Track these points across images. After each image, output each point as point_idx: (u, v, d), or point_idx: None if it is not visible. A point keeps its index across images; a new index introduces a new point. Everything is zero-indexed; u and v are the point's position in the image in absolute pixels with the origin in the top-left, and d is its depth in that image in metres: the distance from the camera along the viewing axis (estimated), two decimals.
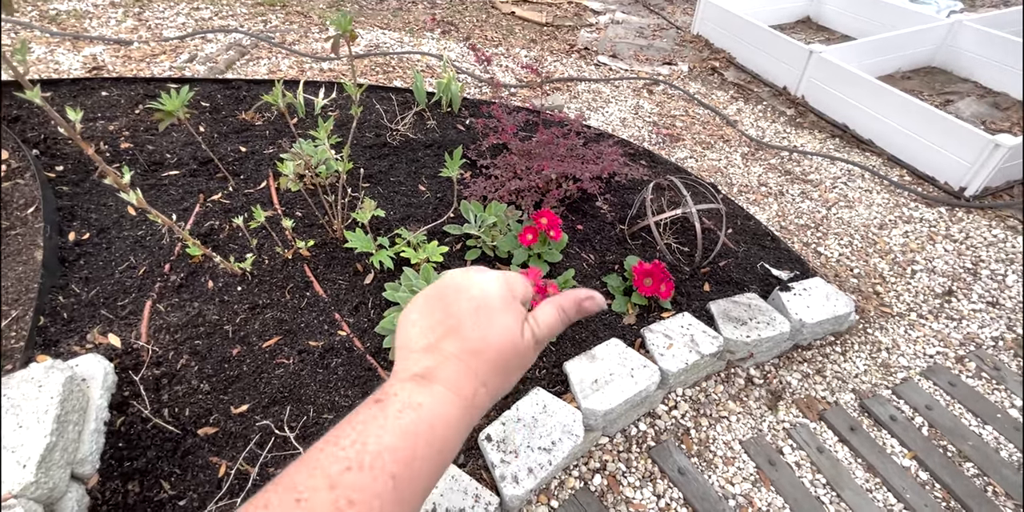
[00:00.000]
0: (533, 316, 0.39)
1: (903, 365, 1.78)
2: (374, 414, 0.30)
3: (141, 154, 2.04)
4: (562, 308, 0.39)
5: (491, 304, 0.36)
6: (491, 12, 4.02)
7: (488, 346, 0.35)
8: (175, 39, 3.04)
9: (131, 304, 1.48)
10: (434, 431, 0.30)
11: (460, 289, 0.37)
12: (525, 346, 0.36)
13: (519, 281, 0.40)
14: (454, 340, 0.35)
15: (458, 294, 0.37)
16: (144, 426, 1.20)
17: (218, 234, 1.75)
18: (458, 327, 0.35)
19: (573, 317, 0.40)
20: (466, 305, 0.36)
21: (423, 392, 0.31)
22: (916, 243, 2.23)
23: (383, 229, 1.84)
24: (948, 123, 2.39)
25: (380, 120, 2.41)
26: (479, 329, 0.35)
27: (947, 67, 3.34)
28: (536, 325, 0.38)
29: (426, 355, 0.34)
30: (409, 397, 0.31)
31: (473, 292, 0.37)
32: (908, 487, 1.45)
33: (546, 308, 0.39)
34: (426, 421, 0.30)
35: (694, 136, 2.81)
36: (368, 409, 0.30)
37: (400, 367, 0.34)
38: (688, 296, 1.78)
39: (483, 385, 0.34)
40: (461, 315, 0.36)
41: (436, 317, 0.36)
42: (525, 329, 0.37)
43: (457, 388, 0.33)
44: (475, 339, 0.35)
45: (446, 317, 0.36)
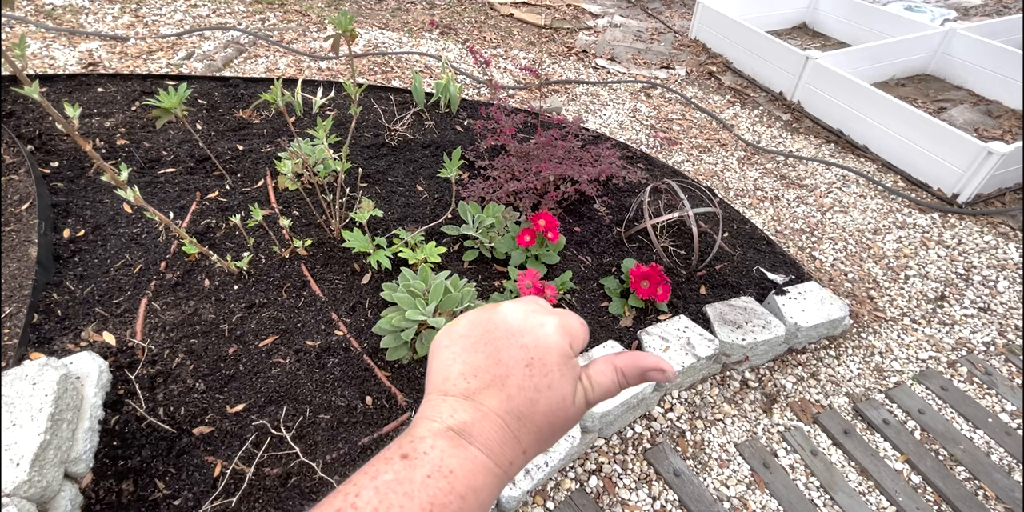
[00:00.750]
0: (588, 376, 0.34)
1: (896, 369, 1.80)
2: (400, 476, 0.26)
3: (137, 151, 2.03)
4: (623, 373, 0.35)
5: (547, 360, 0.32)
6: (490, 14, 4.03)
7: (535, 411, 0.31)
8: (172, 36, 3.03)
9: (126, 302, 1.47)
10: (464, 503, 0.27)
11: (513, 333, 0.33)
12: (575, 412, 0.32)
13: (580, 331, 0.35)
14: (498, 395, 0.30)
15: (510, 338, 0.32)
16: (139, 425, 1.19)
17: (215, 232, 1.74)
18: (505, 380, 0.31)
19: (633, 384, 0.35)
20: (518, 354, 0.32)
21: (457, 454, 0.28)
22: (909, 248, 2.25)
23: (381, 229, 1.84)
24: (941, 130, 2.42)
25: (378, 120, 2.41)
26: (529, 390, 0.31)
27: (941, 75, 3.38)
28: (590, 388, 0.34)
29: (464, 404, 0.30)
30: (441, 459, 0.27)
31: (527, 340, 0.32)
32: (900, 490, 1.47)
33: (605, 369, 0.34)
34: (457, 493, 0.26)
35: (691, 140, 2.83)
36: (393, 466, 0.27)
37: (431, 410, 0.30)
38: (684, 299, 1.79)
39: (523, 453, 0.30)
40: (511, 365, 0.31)
41: (481, 359, 0.32)
42: (578, 392, 0.33)
43: (496, 454, 0.29)
44: (523, 401, 0.31)
45: (493, 363, 0.31)
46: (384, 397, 1.36)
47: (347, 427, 1.28)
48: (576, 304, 1.70)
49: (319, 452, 1.23)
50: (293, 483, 1.17)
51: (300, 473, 1.19)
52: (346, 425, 1.28)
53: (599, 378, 0.34)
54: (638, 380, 0.35)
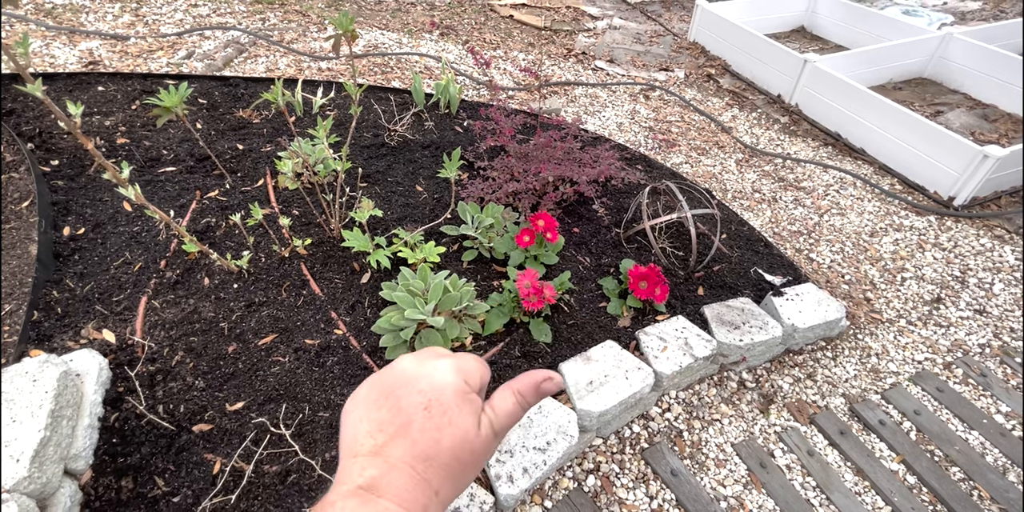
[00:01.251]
0: (491, 406, 0.36)
1: (892, 370, 1.81)
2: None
3: (137, 150, 2.03)
4: (520, 393, 0.37)
5: (443, 399, 0.33)
6: (490, 15, 4.05)
7: (440, 450, 0.32)
8: (172, 35, 3.03)
9: (126, 300, 1.47)
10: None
11: (409, 381, 0.34)
12: (482, 442, 0.34)
13: (474, 368, 0.37)
14: (402, 443, 0.31)
15: (408, 386, 0.34)
16: (138, 422, 1.20)
17: (215, 231, 1.74)
18: (408, 427, 0.32)
19: (533, 401, 0.37)
20: (416, 399, 0.33)
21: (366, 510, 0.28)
22: (906, 251, 2.27)
23: (380, 229, 1.84)
24: (938, 133, 2.44)
25: (378, 120, 2.42)
26: (431, 430, 0.32)
27: (938, 78, 3.40)
28: (494, 416, 0.35)
29: (372, 460, 0.31)
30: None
31: (423, 385, 0.34)
32: (896, 490, 1.48)
33: (503, 395, 0.37)
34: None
35: (689, 142, 2.84)
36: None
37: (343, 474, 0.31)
38: (682, 300, 1.80)
39: (435, 494, 0.31)
40: (411, 411, 0.32)
41: (384, 414, 0.33)
42: (483, 422, 0.34)
43: (407, 501, 0.30)
44: (426, 442, 0.32)
45: (396, 414, 0.32)
46: None
47: None
48: (575, 304, 1.70)
49: (318, 450, 1.23)
50: (292, 481, 1.18)
51: (299, 471, 1.19)
52: None
53: (501, 404, 0.36)
54: (536, 396, 0.37)
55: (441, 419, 0.33)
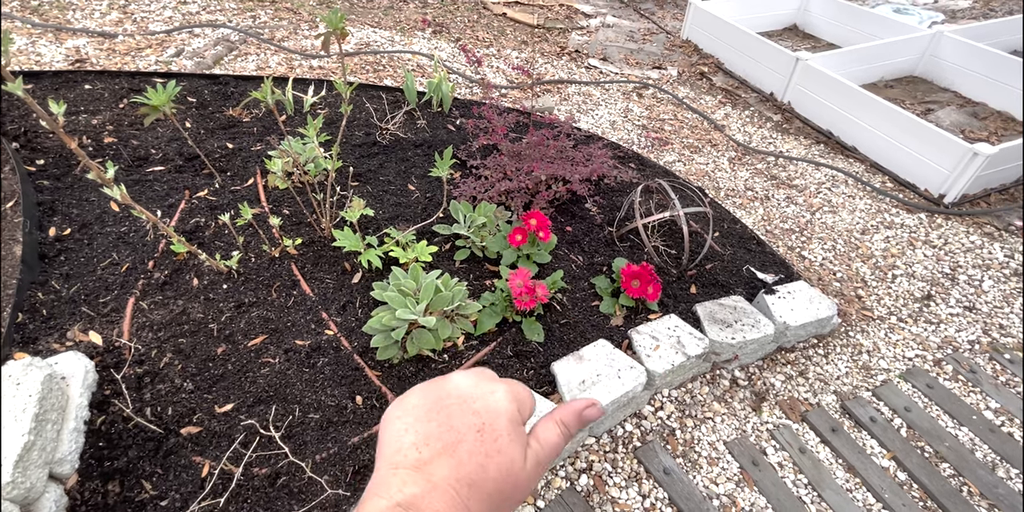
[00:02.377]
0: (535, 437, 0.35)
1: (883, 367, 1.82)
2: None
3: (125, 149, 2.00)
4: (564, 423, 0.36)
5: (497, 425, 0.33)
6: (482, 13, 4.03)
7: (486, 478, 0.31)
8: (161, 33, 3.00)
9: (113, 301, 1.45)
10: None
11: (465, 399, 0.34)
12: (527, 477, 0.33)
13: (527, 398, 0.36)
14: (449, 462, 0.31)
15: (462, 405, 0.33)
16: (125, 425, 1.18)
17: (204, 231, 1.72)
18: (456, 446, 0.31)
19: (575, 430, 0.37)
20: (470, 420, 0.32)
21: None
22: (897, 248, 2.28)
23: (372, 228, 1.83)
24: (929, 132, 2.45)
25: (370, 119, 2.40)
26: (479, 455, 0.31)
27: (928, 77, 3.42)
28: (540, 447, 0.35)
29: (414, 476, 0.30)
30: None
31: (478, 406, 0.33)
32: (887, 487, 1.49)
33: (547, 426, 0.36)
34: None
35: (682, 140, 2.84)
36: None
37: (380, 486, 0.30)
38: (675, 298, 1.80)
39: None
40: (463, 431, 0.32)
41: (434, 428, 0.32)
42: (529, 455, 0.33)
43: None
44: (473, 467, 0.31)
45: (446, 431, 0.32)
46: (374, 396, 1.36)
47: (337, 426, 1.28)
48: (567, 303, 1.70)
49: (308, 452, 1.22)
50: (282, 483, 1.17)
51: (289, 473, 1.18)
52: (336, 424, 1.28)
53: (546, 436, 0.35)
54: (578, 425, 0.37)
55: (492, 445, 0.32)
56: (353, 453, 1.24)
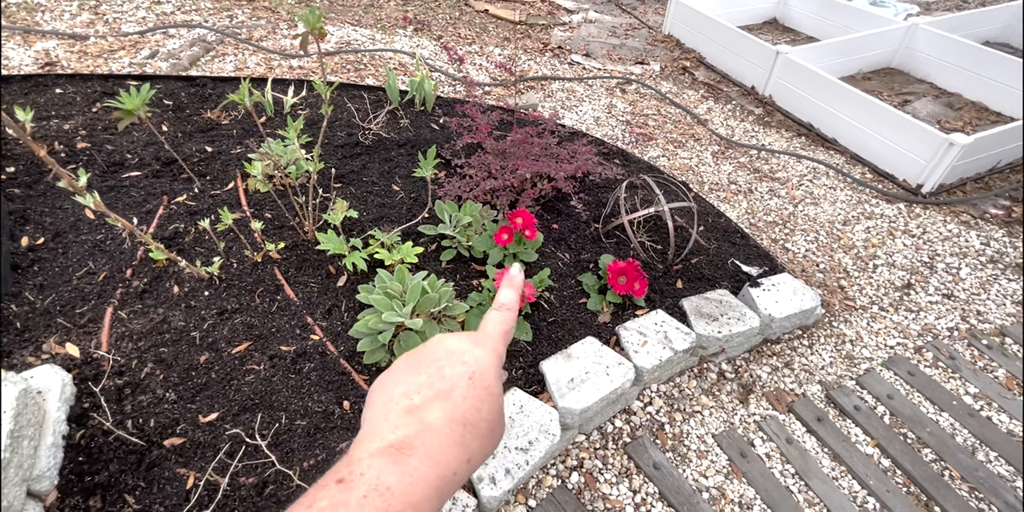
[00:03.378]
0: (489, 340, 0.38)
1: (866, 356, 1.85)
2: (335, 500, 0.26)
3: (99, 154, 1.95)
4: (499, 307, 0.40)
5: (487, 374, 0.34)
6: (464, 10, 4.00)
7: (480, 419, 0.32)
8: (135, 34, 2.93)
9: (90, 312, 1.42)
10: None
11: (452, 352, 0.35)
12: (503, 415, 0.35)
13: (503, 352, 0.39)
14: (443, 405, 0.31)
15: (450, 357, 0.34)
16: (106, 439, 1.16)
17: (183, 237, 1.69)
18: (450, 392, 0.32)
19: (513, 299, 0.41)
20: (461, 369, 0.33)
21: (395, 471, 0.28)
22: (877, 238, 2.32)
23: (356, 230, 1.81)
24: (906, 122, 2.49)
25: (352, 119, 2.37)
26: (473, 398, 0.32)
27: (905, 68, 3.47)
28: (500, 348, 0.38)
29: (407, 419, 0.30)
30: (377, 478, 0.27)
31: (465, 358, 0.35)
32: (871, 474, 1.51)
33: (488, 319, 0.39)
34: (395, 509, 0.26)
35: (666, 135, 2.85)
36: (328, 492, 0.27)
37: (372, 429, 0.31)
38: (661, 293, 1.81)
39: (468, 461, 0.31)
40: (455, 379, 0.33)
41: (424, 378, 0.33)
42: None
43: (440, 464, 0.29)
44: (468, 408, 0.32)
45: (438, 380, 0.33)
46: (362, 401, 1.34)
47: (324, 433, 1.26)
48: (555, 301, 1.70)
49: (296, 459, 1.21)
50: (270, 492, 1.15)
51: (277, 481, 1.17)
52: (323, 431, 1.27)
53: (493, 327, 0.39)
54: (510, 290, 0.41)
55: (483, 390, 0.33)
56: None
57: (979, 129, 2.88)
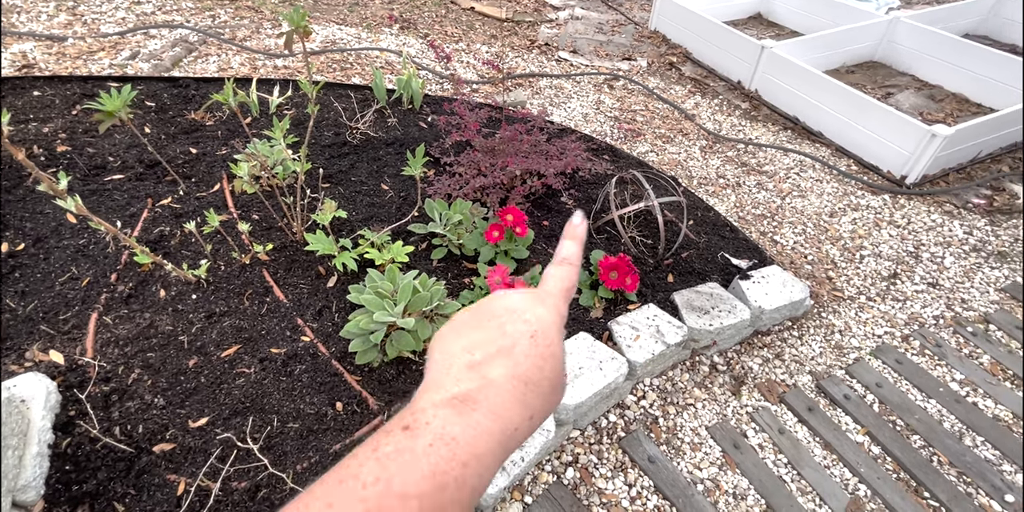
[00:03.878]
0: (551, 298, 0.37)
1: (855, 346, 1.88)
2: (401, 446, 0.26)
3: (80, 157, 1.92)
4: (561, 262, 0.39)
5: (549, 333, 0.33)
6: (450, 7, 3.97)
7: (543, 377, 0.32)
8: (115, 35, 2.87)
9: (74, 317, 1.39)
10: (467, 470, 0.26)
11: (514, 310, 0.34)
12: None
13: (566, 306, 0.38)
14: (505, 362, 0.31)
15: (512, 315, 0.34)
16: (93, 446, 1.14)
17: (169, 240, 1.67)
18: (511, 349, 0.32)
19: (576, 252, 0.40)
20: (522, 327, 0.33)
21: (460, 422, 0.28)
22: (863, 229, 2.35)
23: (345, 230, 1.80)
24: (889, 115, 2.52)
25: (339, 118, 2.35)
26: (535, 357, 0.32)
27: (887, 61, 3.52)
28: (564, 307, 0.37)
29: (469, 374, 0.30)
30: (443, 427, 0.27)
31: (528, 316, 0.34)
32: (862, 461, 1.54)
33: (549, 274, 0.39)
34: (460, 460, 0.26)
35: (654, 130, 2.86)
36: (394, 437, 0.27)
37: (434, 381, 0.31)
38: (653, 288, 1.82)
39: (529, 419, 0.30)
40: (516, 336, 0.32)
41: (485, 334, 0.33)
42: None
43: (503, 420, 0.29)
44: (529, 366, 0.31)
45: (499, 336, 0.32)
46: (355, 402, 1.34)
47: (317, 435, 1.25)
48: None
49: (289, 462, 1.20)
50: (263, 496, 1.14)
51: (269, 485, 1.16)
52: (316, 433, 1.26)
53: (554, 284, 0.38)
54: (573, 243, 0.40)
55: (545, 349, 0.32)
56: (335, 461, 1.22)
57: (960, 120, 2.92)
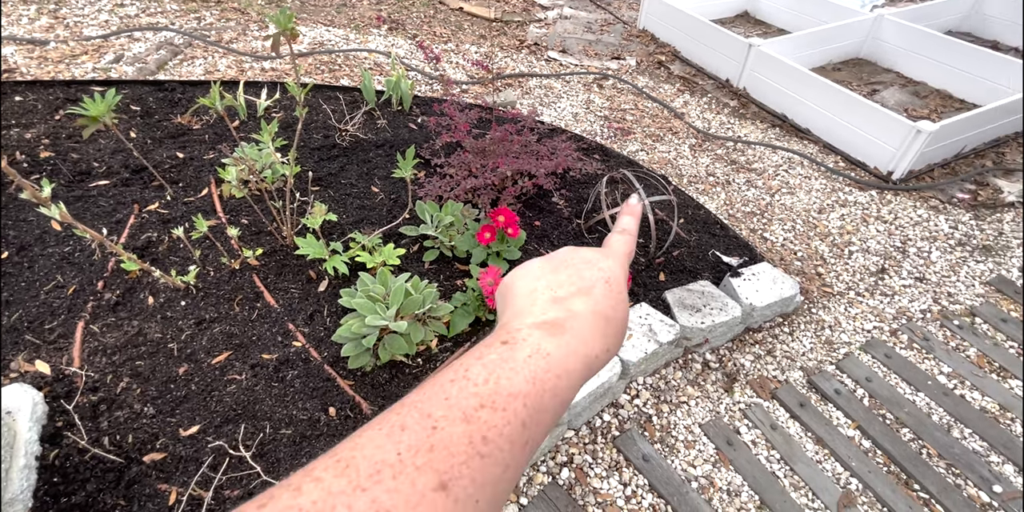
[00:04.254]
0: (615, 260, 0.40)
1: (844, 341, 1.90)
2: (504, 355, 0.28)
3: (64, 163, 1.89)
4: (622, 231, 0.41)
5: (619, 280, 0.36)
6: (439, 8, 3.96)
7: (618, 318, 0.34)
8: (98, 38, 2.83)
9: (60, 326, 1.37)
10: (560, 382, 0.29)
11: (588, 260, 0.37)
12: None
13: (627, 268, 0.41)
14: (585, 300, 0.33)
15: (586, 264, 0.37)
16: (82, 457, 1.12)
17: (157, 246, 1.65)
18: (590, 289, 0.34)
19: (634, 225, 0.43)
20: (597, 274, 0.36)
21: (552, 341, 0.30)
22: (851, 225, 2.37)
23: (336, 234, 1.79)
24: (875, 111, 2.55)
25: (328, 120, 2.34)
26: (611, 299, 0.34)
27: (872, 58, 3.55)
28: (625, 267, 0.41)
29: (554, 306, 0.33)
30: (539, 344, 0.29)
31: (600, 265, 0.37)
32: (853, 456, 1.55)
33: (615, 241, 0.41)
34: (554, 372, 0.29)
35: (644, 129, 2.87)
36: (496, 349, 0.29)
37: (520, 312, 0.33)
38: (644, 286, 1.83)
39: (606, 351, 0.33)
40: (593, 281, 0.35)
41: (564, 277, 0.35)
42: None
43: (586, 344, 0.31)
44: (606, 306, 0.34)
45: (578, 279, 0.35)
46: (348, 407, 1.33)
47: (311, 441, 1.25)
48: None
49: (283, 469, 1.19)
50: None
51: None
52: (309, 439, 1.25)
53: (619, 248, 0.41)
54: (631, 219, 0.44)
55: (618, 295, 0.35)
56: None
57: (945, 116, 2.96)
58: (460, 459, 0.23)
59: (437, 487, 0.22)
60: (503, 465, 0.25)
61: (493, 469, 0.24)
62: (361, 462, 0.22)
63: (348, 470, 0.22)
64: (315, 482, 0.21)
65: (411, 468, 0.22)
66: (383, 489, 0.21)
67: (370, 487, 0.21)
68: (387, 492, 0.21)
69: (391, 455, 0.23)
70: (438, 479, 0.22)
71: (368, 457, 0.22)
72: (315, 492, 0.21)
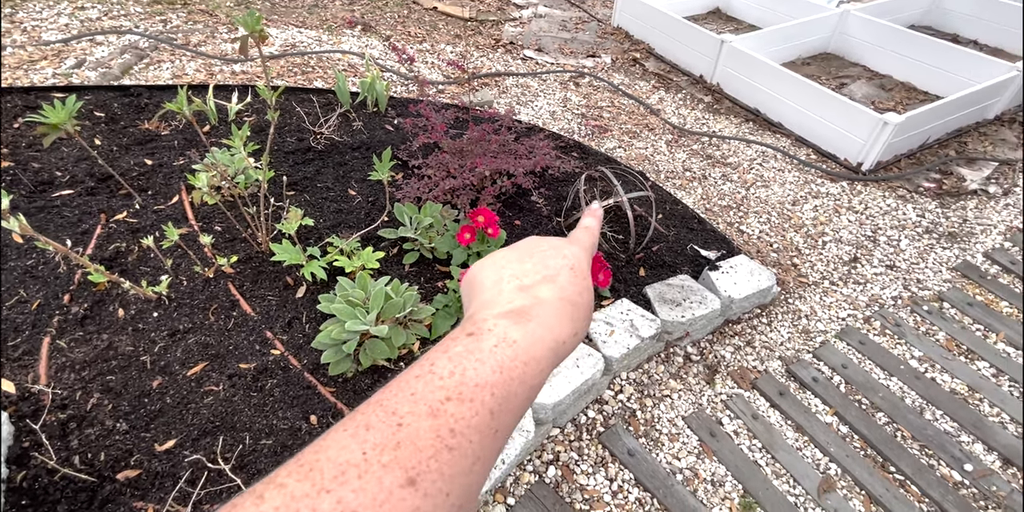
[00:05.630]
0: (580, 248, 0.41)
1: (820, 329, 1.94)
2: (469, 347, 0.29)
3: (25, 173, 1.82)
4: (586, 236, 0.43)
5: (583, 267, 0.37)
6: (412, 7, 3.93)
7: (582, 304, 0.35)
8: (57, 43, 2.74)
9: (25, 343, 1.32)
10: (527, 369, 0.29)
11: (554, 247, 0.38)
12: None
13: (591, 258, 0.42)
14: (552, 287, 0.34)
15: (552, 251, 0.37)
16: (51, 478, 1.09)
17: (126, 257, 1.60)
18: (555, 277, 0.35)
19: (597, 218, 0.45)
20: (562, 262, 0.36)
21: (518, 329, 0.30)
22: (824, 216, 2.43)
23: (313, 238, 1.76)
24: (843, 105, 2.61)
25: (302, 123, 2.30)
26: (575, 285, 0.35)
27: (840, 53, 3.64)
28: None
29: (520, 294, 0.33)
30: (504, 333, 0.30)
31: (566, 252, 0.37)
32: (832, 441, 1.59)
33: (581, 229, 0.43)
34: (521, 360, 0.29)
35: (621, 126, 2.90)
36: (461, 341, 0.29)
37: (487, 302, 0.33)
38: (625, 282, 1.85)
39: (573, 335, 0.33)
40: (558, 268, 0.36)
41: (529, 266, 0.36)
42: None
43: (553, 331, 0.32)
44: (572, 292, 0.34)
45: (543, 267, 0.36)
46: (330, 414, 1.31)
47: (292, 450, 1.23)
48: None
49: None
50: None
51: None
52: (291, 448, 1.23)
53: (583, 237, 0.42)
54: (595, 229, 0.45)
55: (583, 281, 0.36)
56: None
57: (909, 108, 3.05)
58: (428, 454, 0.23)
59: (405, 483, 0.22)
60: (473, 457, 0.25)
61: (462, 461, 0.24)
62: (325, 464, 0.22)
63: (312, 473, 0.22)
64: (278, 488, 0.21)
65: (377, 466, 0.22)
66: (349, 489, 0.21)
67: (335, 488, 0.21)
68: (353, 492, 0.21)
69: (356, 455, 0.22)
70: (405, 475, 0.22)
71: (332, 459, 0.22)
72: (278, 498, 0.21)
